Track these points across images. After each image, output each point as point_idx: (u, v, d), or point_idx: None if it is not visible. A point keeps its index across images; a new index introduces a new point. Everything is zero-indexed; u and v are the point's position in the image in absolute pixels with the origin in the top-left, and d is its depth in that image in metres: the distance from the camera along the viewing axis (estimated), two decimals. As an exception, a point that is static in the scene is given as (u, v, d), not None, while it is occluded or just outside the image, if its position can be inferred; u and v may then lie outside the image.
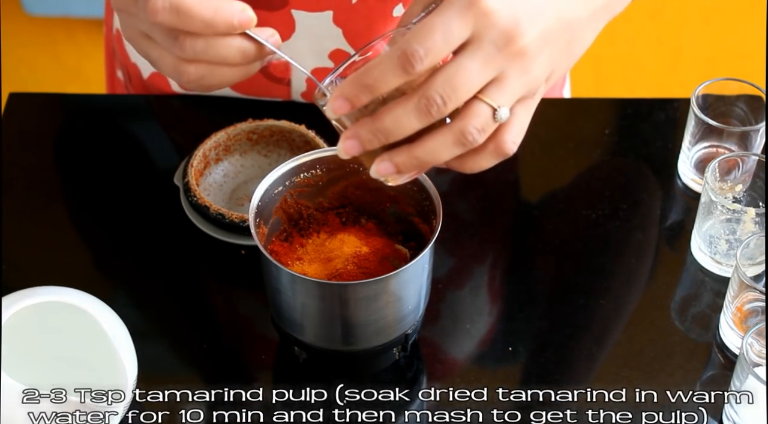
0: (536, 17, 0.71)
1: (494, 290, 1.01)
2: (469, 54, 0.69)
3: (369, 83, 0.69)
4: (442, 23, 0.68)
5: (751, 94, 1.05)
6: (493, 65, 0.70)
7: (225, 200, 1.04)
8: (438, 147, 0.71)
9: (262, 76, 1.11)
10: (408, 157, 0.72)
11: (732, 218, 0.97)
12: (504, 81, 0.70)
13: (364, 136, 0.71)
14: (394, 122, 0.70)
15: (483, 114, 0.70)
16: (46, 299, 0.84)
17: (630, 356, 0.93)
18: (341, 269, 0.87)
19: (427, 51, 0.68)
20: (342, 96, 0.70)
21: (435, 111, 0.69)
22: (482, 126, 0.70)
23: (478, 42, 0.69)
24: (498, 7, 0.69)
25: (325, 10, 1.03)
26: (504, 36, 0.69)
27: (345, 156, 0.73)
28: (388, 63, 0.69)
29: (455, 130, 0.70)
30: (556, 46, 0.73)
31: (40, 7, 2.24)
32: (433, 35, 0.68)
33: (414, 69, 0.68)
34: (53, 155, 1.11)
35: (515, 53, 0.70)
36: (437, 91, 0.69)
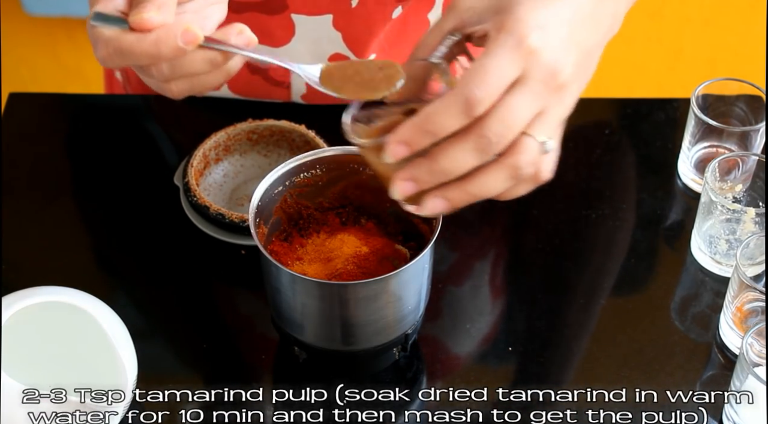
0: (569, 51, 0.73)
1: (494, 289, 1.01)
2: (519, 93, 0.71)
3: (431, 129, 0.71)
4: (497, 66, 0.71)
5: (751, 94, 1.05)
6: (539, 101, 0.72)
7: (225, 200, 1.04)
8: (492, 182, 0.73)
9: (262, 79, 1.11)
10: (462, 193, 0.74)
11: (732, 218, 0.97)
12: (547, 114, 0.73)
13: (422, 177, 0.73)
14: (452, 162, 0.72)
15: (532, 149, 0.73)
16: (46, 299, 0.84)
17: (630, 356, 0.93)
18: (341, 269, 0.87)
19: (487, 95, 0.70)
20: (402, 141, 0.72)
21: (491, 149, 0.71)
22: (532, 159, 0.73)
23: (526, 80, 0.71)
24: (542, 44, 0.71)
25: (325, 14, 1.03)
26: (549, 72, 0.72)
27: (400, 197, 0.75)
28: (452, 108, 0.70)
29: (508, 166, 0.73)
30: (582, 75, 0.76)
31: (40, 7, 2.24)
32: (491, 78, 0.70)
33: (475, 113, 0.70)
34: (53, 155, 1.11)
35: (557, 88, 0.73)
36: (493, 131, 0.71)
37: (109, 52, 0.76)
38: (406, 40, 1.07)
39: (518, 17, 0.72)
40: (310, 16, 1.02)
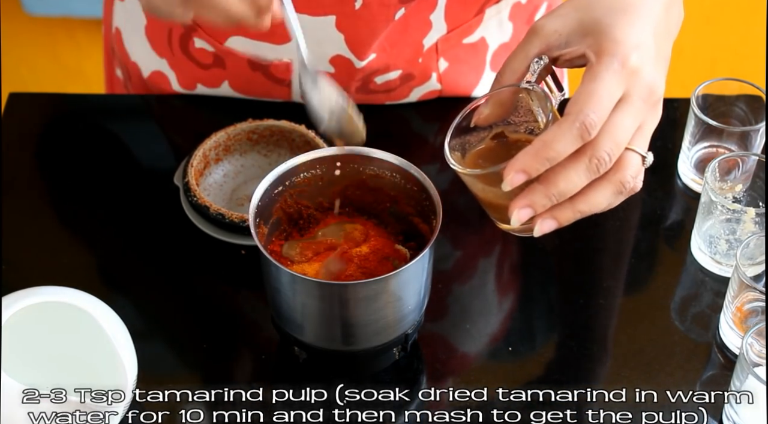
0: (660, 65, 0.77)
1: (494, 289, 1.00)
2: (624, 111, 0.75)
3: (551, 156, 0.74)
4: (606, 88, 0.74)
5: (751, 94, 1.05)
6: (640, 117, 0.76)
7: (225, 200, 1.04)
8: (600, 198, 0.77)
9: (263, 76, 1.11)
10: (572, 212, 0.77)
11: (732, 217, 0.97)
12: (644, 128, 0.77)
13: (539, 202, 0.75)
14: (568, 184, 0.75)
15: (636, 163, 0.76)
16: (46, 299, 0.84)
17: (630, 356, 0.93)
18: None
19: (600, 118, 0.73)
20: (521, 170, 0.74)
21: (603, 168, 0.75)
22: (636, 173, 0.76)
23: (629, 98, 0.75)
24: (641, 63, 0.75)
25: (328, 15, 1.03)
26: (648, 90, 0.75)
27: (520, 223, 0.77)
28: (569, 134, 0.73)
29: (615, 182, 0.76)
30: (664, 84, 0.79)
31: (40, 7, 2.24)
32: (602, 102, 0.74)
33: (590, 136, 0.73)
34: (53, 155, 1.11)
35: (655, 104, 0.77)
36: (605, 151, 0.74)
37: None
38: (406, 40, 1.07)
39: (616, 38, 0.75)
40: (312, 16, 1.02)
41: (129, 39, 1.16)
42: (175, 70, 1.13)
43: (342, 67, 1.07)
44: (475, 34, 1.11)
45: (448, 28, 1.08)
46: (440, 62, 1.11)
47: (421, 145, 1.13)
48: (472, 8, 1.08)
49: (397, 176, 0.89)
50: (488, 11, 1.09)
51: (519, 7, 1.12)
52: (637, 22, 0.76)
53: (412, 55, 1.09)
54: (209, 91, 1.13)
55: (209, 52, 1.10)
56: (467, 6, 1.07)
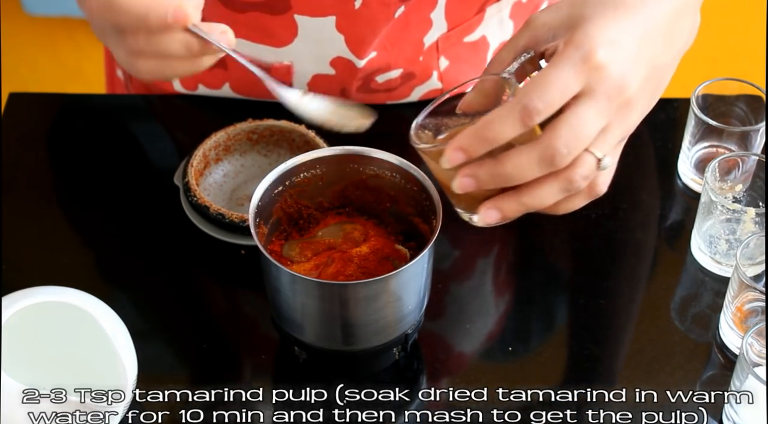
0: (637, 67, 0.73)
1: (494, 289, 1.01)
2: (586, 106, 0.72)
3: (489, 136, 0.72)
4: (559, 78, 0.71)
5: (751, 94, 1.05)
6: (605, 116, 0.73)
7: (225, 200, 1.04)
8: (545, 194, 0.74)
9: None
10: (516, 205, 0.75)
11: (732, 217, 0.97)
12: (608, 131, 0.74)
13: (482, 177, 0.74)
14: (516, 169, 0.73)
15: (589, 164, 0.73)
16: (46, 299, 0.84)
17: (630, 356, 0.93)
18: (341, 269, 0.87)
19: (546, 105, 0.71)
20: (460, 148, 0.73)
21: (558, 161, 0.72)
22: (587, 174, 0.74)
23: (592, 94, 0.72)
24: (610, 60, 0.72)
25: (328, 16, 1.02)
26: (615, 88, 0.72)
27: (460, 191, 0.75)
28: (509, 117, 0.71)
29: (562, 179, 0.74)
30: (649, 93, 0.76)
31: (40, 7, 2.24)
32: (552, 90, 0.71)
33: (532, 122, 0.71)
34: (53, 155, 1.11)
35: (622, 104, 0.73)
36: (563, 143, 0.72)
37: (99, 4, 0.76)
38: (407, 39, 1.07)
39: (587, 32, 0.72)
40: (313, 17, 1.02)
41: (129, 39, 1.16)
42: (176, 70, 1.13)
43: (343, 68, 1.07)
44: (476, 32, 1.11)
45: (448, 26, 1.08)
46: (441, 61, 1.11)
47: (421, 145, 1.13)
48: (472, 7, 1.08)
49: (397, 176, 0.89)
50: (489, 10, 1.09)
51: (520, 6, 1.12)
52: (623, 19, 0.74)
53: (413, 54, 1.09)
54: (210, 93, 1.13)
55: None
56: (468, 4, 1.07)
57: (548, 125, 0.72)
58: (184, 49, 0.77)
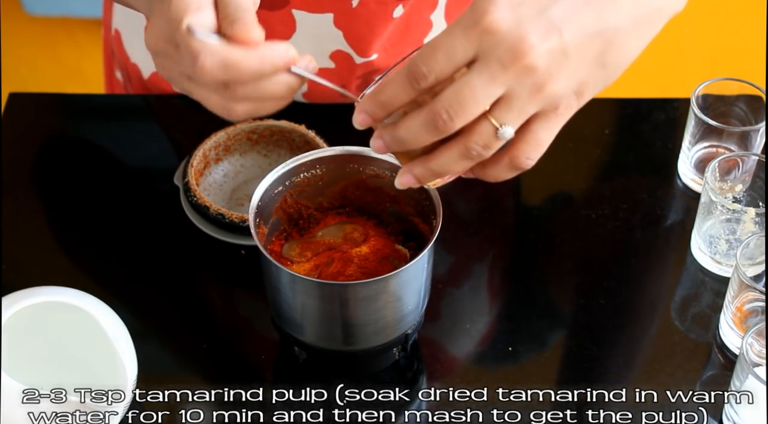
0: (549, 31, 0.70)
1: (494, 289, 1.01)
2: (475, 72, 0.70)
3: (383, 100, 0.72)
4: (446, 43, 0.70)
5: (751, 94, 1.05)
6: (499, 83, 0.70)
7: (225, 200, 1.04)
8: (447, 160, 0.73)
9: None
10: (424, 169, 0.74)
11: (732, 218, 0.97)
12: (511, 99, 0.70)
13: (386, 139, 0.74)
14: (408, 133, 0.72)
15: (485, 132, 0.71)
16: (46, 299, 0.84)
17: (630, 356, 0.93)
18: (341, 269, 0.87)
19: (431, 70, 0.70)
20: (363, 111, 0.73)
21: (442, 126, 0.71)
22: (485, 143, 0.72)
23: (484, 60, 0.70)
24: (504, 25, 0.69)
25: (326, 12, 1.03)
26: (510, 53, 0.69)
27: (376, 152, 0.76)
28: (398, 81, 0.71)
29: (460, 146, 0.72)
30: (581, 59, 0.71)
31: (40, 7, 2.24)
32: (436, 54, 0.70)
33: (420, 86, 0.70)
34: (53, 155, 1.11)
35: (523, 70, 0.69)
36: (444, 107, 0.70)
37: (214, 63, 0.73)
38: (408, 40, 1.07)
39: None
40: (311, 13, 1.02)
41: (129, 40, 1.16)
42: (175, 70, 1.13)
43: (342, 62, 1.07)
44: (476, 34, 1.10)
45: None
46: (441, 62, 1.10)
47: (421, 145, 1.13)
48: (472, 8, 1.08)
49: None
50: (488, 11, 1.09)
51: (519, 7, 1.11)
52: None
53: (413, 56, 1.09)
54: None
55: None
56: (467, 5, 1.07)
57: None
58: (287, 90, 0.76)
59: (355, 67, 1.08)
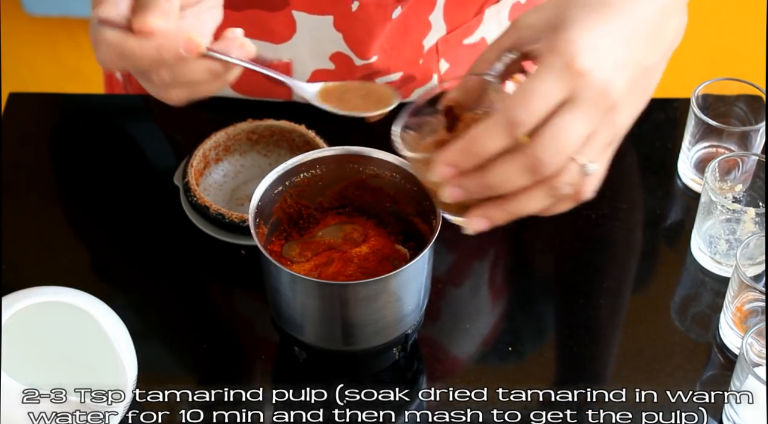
0: (622, 70, 0.72)
1: (494, 289, 1.01)
2: (570, 114, 0.71)
3: (476, 151, 0.71)
4: (542, 88, 0.70)
5: (751, 94, 1.05)
6: (590, 123, 0.72)
7: (225, 200, 1.04)
8: (531, 201, 0.74)
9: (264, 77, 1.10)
10: (502, 212, 0.75)
11: (732, 218, 0.97)
12: (595, 136, 0.73)
13: (469, 187, 0.73)
14: (502, 179, 0.72)
15: (574, 171, 0.73)
16: (46, 299, 0.84)
17: (630, 356, 0.93)
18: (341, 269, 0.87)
19: (530, 116, 0.70)
20: (449, 163, 0.72)
21: (543, 170, 0.71)
22: (572, 181, 0.73)
23: (576, 101, 0.71)
24: (592, 65, 0.71)
25: (326, 15, 1.03)
26: (599, 94, 0.71)
27: (449, 201, 0.75)
28: (495, 130, 0.71)
29: (547, 187, 0.73)
30: (637, 95, 0.75)
31: (40, 7, 2.24)
32: (536, 101, 0.70)
33: (518, 134, 0.71)
34: (53, 155, 1.11)
35: (609, 109, 0.72)
36: (546, 152, 0.71)
37: (111, 54, 0.76)
38: (406, 41, 1.07)
39: (570, 38, 0.71)
40: (311, 14, 1.02)
41: (129, 39, 1.16)
42: (176, 71, 1.13)
43: (342, 64, 1.07)
44: (475, 34, 1.11)
45: (447, 28, 1.08)
46: (441, 63, 1.11)
47: (421, 145, 1.13)
48: (471, 8, 1.08)
49: (397, 176, 0.89)
50: (488, 11, 1.09)
51: (518, 7, 1.12)
52: (607, 21, 0.72)
53: (413, 57, 1.09)
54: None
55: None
56: (466, 6, 1.07)
57: (533, 135, 0.71)
58: (208, 74, 0.77)
59: (354, 70, 1.08)
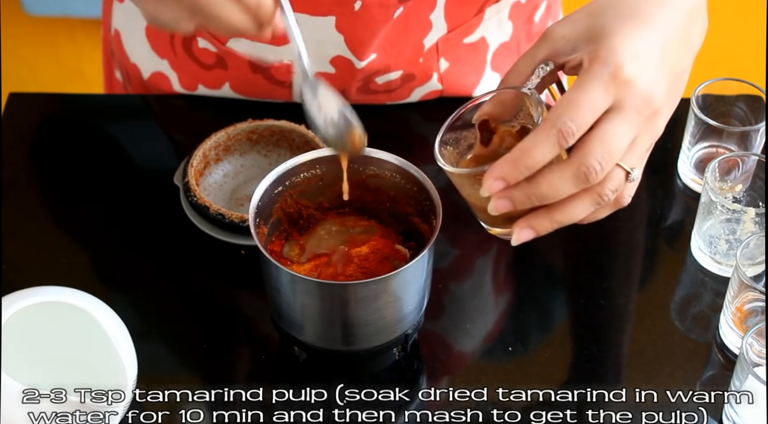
0: (661, 77, 0.74)
1: (494, 289, 1.01)
2: (617, 121, 0.72)
3: (528, 164, 0.72)
4: (590, 97, 0.71)
5: (751, 94, 1.05)
6: (634, 130, 0.73)
7: (225, 200, 1.04)
8: (577, 209, 0.75)
9: (264, 79, 1.11)
10: (549, 222, 0.76)
11: (732, 218, 0.97)
12: (637, 142, 0.74)
13: (518, 198, 0.74)
14: (551, 188, 0.73)
15: (619, 177, 0.74)
16: (46, 299, 0.84)
17: (630, 356, 0.93)
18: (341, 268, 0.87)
19: (579, 126, 0.71)
20: (500, 178, 0.73)
21: (593, 177, 0.72)
22: (617, 187, 0.74)
23: (621, 109, 0.72)
24: (636, 73, 0.72)
25: (328, 16, 1.03)
26: (644, 101, 0.73)
27: (496, 213, 0.75)
28: (545, 142, 0.71)
29: (593, 193, 0.74)
30: (673, 99, 0.76)
31: (40, 7, 2.24)
32: (583, 110, 0.71)
33: (567, 144, 0.72)
34: (53, 155, 1.11)
35: (651, 115, 0.74)
36: (596, 159, 0.72)
37: None
38: (406, 40, 1.07)
39: (612, 47, 0.73)
40: (312, 15, 1.02)
41: (128, 40, 1.16)
42: (177, 71, 1.13)
43: (343, 67, 1.07)
44: (475, 33, 1.11)
45: (448, 27, 1.08)
46: (441, 62, 1.11)
47: (422, 145, 1.13)
48: (471, 8, 1.08)
49: (397, 176, 0.89)
50: (488, 11, 1.09)
51: (518, 7, 1.12)
52: (644, 30, 0.74)
53: (413, 56, 1.09)
54: (210, 93, 1.13)
55: (212, 53, 1.10)
56: (467, 5, 1.07)
57: (579, 142, 0.72)
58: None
59: (355, 72, 1.08)
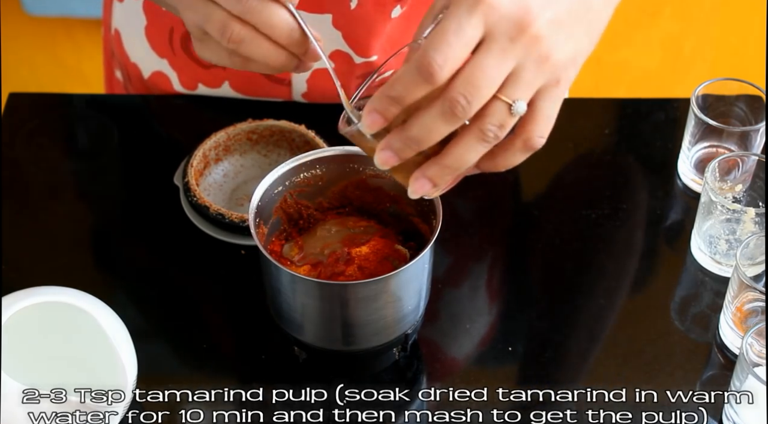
0: (546, 1, 0.69)
1: (494, 289, 1.00)
2: (485, 50, 0.68)
3: (395, 95, 0.70)
4: (454, 27, 0.68)
5: (751, 94, 1.05)
6: (510, 57, 0.69)
7: (225, 200, 1.04)
8: (463, 151, 0.71)
9: (263, 77, 1.11)
10: (439, 168, 0.72)
11: (732, 218, 0.97)
12: (520, 73, 0.69)
13: (396, 145, 0.71)
14: (423, 129, 0.70)
15: (499, 111, 0.70)
16: (46, 299, 0.84)
17: (630, 356, 0.93)
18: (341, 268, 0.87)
19: (445, 58, 0.68)
20: (374, 110, 0.70)
21: (460, 112, 0.69)
22: (500, 122, 0.70)
23: (491, 37, 0.68)
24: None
25: (325, 13, 1.03)
26: (515, 25, 0.68)
27: (383, 167, 0.73)
28: (410, 75, 0.69)
29: (474, 131, 0.70)
30: (575, 27, 0.72)
31: (40, 7, 2.24)
32: (448, 40, 0.68)
33: (434, 78, 0.68)
34: (53, 155, 1.11)
35: (530, 41, 0.69)
36: (459, 93, 0.68)
37: None
38: (408, 40, 1.07)
39: None
40: (309, 12, 1.02)
41: (128, 40, 1.16)
42: (176, 71, 1.13)
43: (342, 61, 1.07)
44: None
45: (447, 27, 1.08)
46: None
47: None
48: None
49: (397, 176, 0.89)
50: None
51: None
52: None
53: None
54: (210, 92, 1.13)
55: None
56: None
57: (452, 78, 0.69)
58: (286, 26, 0.75)
59: (354, 67, 1.08)
